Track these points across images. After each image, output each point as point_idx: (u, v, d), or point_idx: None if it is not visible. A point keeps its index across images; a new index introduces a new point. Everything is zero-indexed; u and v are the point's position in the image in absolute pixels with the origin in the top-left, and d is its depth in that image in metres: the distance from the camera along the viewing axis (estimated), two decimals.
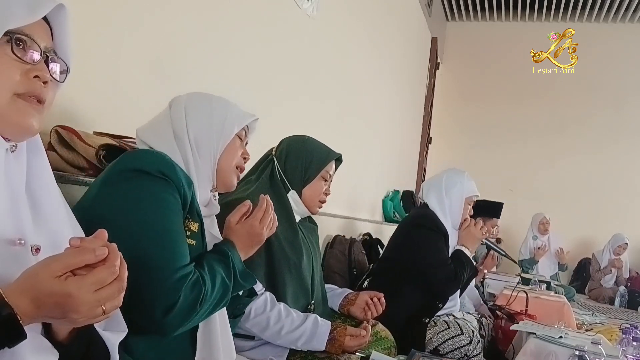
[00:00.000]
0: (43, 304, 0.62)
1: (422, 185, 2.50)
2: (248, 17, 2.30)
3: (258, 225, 1.21)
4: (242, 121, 1.23)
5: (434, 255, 2.23)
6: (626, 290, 5.43)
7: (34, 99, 0.74)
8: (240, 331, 1.49)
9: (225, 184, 1.24)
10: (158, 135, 1.16)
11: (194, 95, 1.22)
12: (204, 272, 1.06)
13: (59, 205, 0.81)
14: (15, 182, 0.74)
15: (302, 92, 2.89)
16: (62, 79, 0.80)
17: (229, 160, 1.21)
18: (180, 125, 1.16)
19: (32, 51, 0.74)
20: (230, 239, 1.19)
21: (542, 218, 5.56)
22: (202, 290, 1.02)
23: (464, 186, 2.39)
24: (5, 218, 0.70)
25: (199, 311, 1.03)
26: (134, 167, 1.03)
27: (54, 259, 0.64)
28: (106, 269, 0.65)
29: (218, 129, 1.18)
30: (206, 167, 1.18)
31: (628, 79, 6.31)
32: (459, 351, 2.09)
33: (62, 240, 0.72)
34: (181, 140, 1.15)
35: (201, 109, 1.19)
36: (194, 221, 1.11)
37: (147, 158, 1.05)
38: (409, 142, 5.89)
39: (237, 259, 1.17)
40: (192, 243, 1.09)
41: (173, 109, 1.19)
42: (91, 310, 0.64)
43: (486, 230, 2.44)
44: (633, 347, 1.82)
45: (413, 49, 5.62)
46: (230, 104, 1.24)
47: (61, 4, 0.77)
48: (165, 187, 1.03)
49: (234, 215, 1.21)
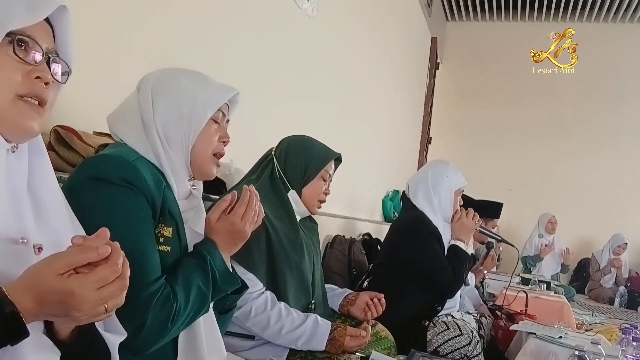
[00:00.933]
0: (45, 301, 0.63)
1: (407, 183, 2.42)
2: (248, 17, 2.30)
3: (239, 222, 1.10)
4: (215, 103, 1.11)
5: (432, 261, 2.20)
6: (626, 290, 5.43)
7: (35, 100, 0.74)
8: (240, 331, 1.49)
9: (203, 174, 1.15)
10: (127, 124, 1.08)
11: (162, 75, 1.11)
12: (176, 285, 1.00)
13: (61, 205, 0.82)
14: (16, 182, 0.74)
15: (302, 92, 2.89)
16: (63, 80, 0.80)
17: (204, 148, 1.11)
18: (147, 113, 1.06)
19: (34, 52, 0.74)
20: (211, 238, 1.11)
21: (551, 217, 5.59)
22: (172, 307, 0.97)
23: (451, 180, 2.32)
24: (7, 218, 0.71)
25: (171, 329, 0.99)
26: (96, 176, 0.97)
27: (56, 257, 0.64)
28: (109, 267, 0.65)
29: (188, 116, 1.08)
30: (179, 158, 1.09)
31: (628, 78, 6.31)
32: (459, 352, 2.09)
33: (64, 240, 0.72)
34: (149, 130, 1.06)
35: (169, 94, 1.08)
36: (168, 226, 1.04)
37: (108, 165, 0.99)
38: (409, 142, 5.89)
39: (218, 260, 1.09)
40: (165, 250, 1.04)
41: (141, 92, 1.09)
42: (93, 308, 0.64)
43: (478, 219, 2.37)
44: (633, 347, 1.81)
45: (413, 49, 5.62)
46: (203, 84, 1.13)
47: (63, 5, 0.77)
48: (130, 196, 0.98)
49: (214, 213, 1.12)
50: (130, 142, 1.07)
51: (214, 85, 1.15)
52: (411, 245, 2.23)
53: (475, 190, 3.63)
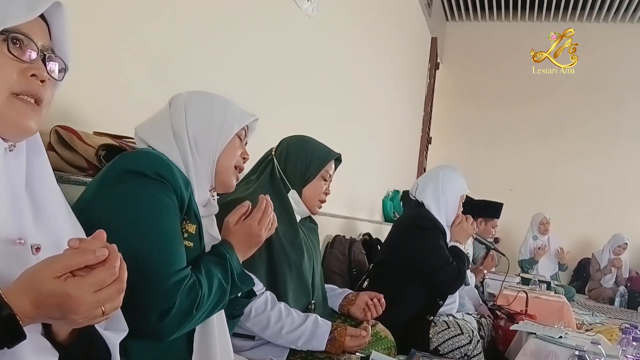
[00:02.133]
0: (43, 304, 0.62)
1: (417, 182, 2.47)
2: (248, 17, 2.30)
3: (256, 226, 1.19)
4: (242, 121, 1.21)
5: (438, 256, 2.22)
6: (626, 290, 5.43)
7: (31, 98, 0.74)
8: (240, 331, 1.49)
9: (224, 184, 1.23)
10: (157, 133, 1.14)
11: (194, 94, 1.21)
12: (200, 276, 1.05)
13: (60, 205, 0.81)
14: (14, 181, 0.74)
15: (301, 92, 2.89)
16: (60, 77, 0.79)
17: (228, 160, 1.20)
18: (180, 124, 1.14)
19: (29, 50, 0.73)
20: (228, 240, 1.18)
21: (543, 218, 5.55)
22: (198, 294, 1.01)
23: (459, 184, 2.40)
24: (5, 217, 0.70)
25: (195, 316, 1.02)
26: (130, 169, 1.02)
27: (54, 260, 0.64)
28: (106, 270, 0.65)
29: (218, 129, 1.17)
30: (205, 167, 1.17)
31: (628, 79, 6.31)
32: (459, 351, 2.09)
33: (62, 240, 0.72)
34: (180, 140, 1.13)
35: (201, 108, 1.17)
36: (192, 223, 1.10)
37: (143, 159, 1.04)
38: (408, 142, 5.89)
39: (235, 260, 1.15)
40: (189, 245, 1.08)
41: (173, 107, 1.17)
42: (91, 311, 0.64)
43: (476, 226, 2.46)
44: (633, 347, 1.81)
45: (413, 49, 5.62)
46: (231, 104, 1.23)
47: (58, 1, 0.76)
48: (162, 189, 1.02)
49: (233, 216, 1.20)
50: (161, 149, 1.12)
51: (238, 107, 1.25)
52: (416, 241, 2.25)
53: (475, 190, 3.62)
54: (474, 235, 2.54)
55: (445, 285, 2.23)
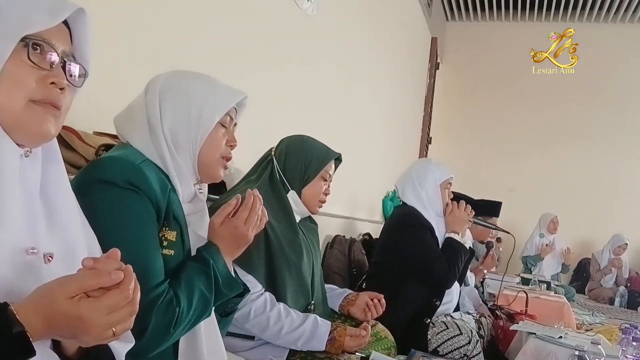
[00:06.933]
0: (54, 323, 0.62)
1: (395, 185, 2.48)
2: (248, 16, 2.30)
3: (243, 225, 1.10)
4: (223, 108, 1.10)
5: (425, 252, 2.22)
6: (626, 291, 5.44)
7: (49, 105, 0.73)
8: (240, 331, 1.49)
9: (210, 177, 1.15)
10: (133, 125, 1.07)
11: (170, 79, 1.11)
12: (179, 290, 1.00)
13: (74, 213, 0.80)
14: (29, 188, 0.72)
15: (301, 92, 2.89)
16: (79, 83, 0.78)
17: (212, 152, 1.11)
18: (155, 116, 1.06)
19: (50, 56, 0.72)
20: (214, 242, 1.11)
21: (553, 217, 5.60)
22: (175, 312, 0.97)
23: (434, 173, 2.37)
24: (18, 225, 0.69)
25: (174, 333, 0.99)
26: (101, 178, 0.96)
27: (69, 280, 0.63)
28: (120, 292, 0.64)
29: (196, 121, 1.07)
30: (186, 162, 1.08)
31: (628, 79, 6.31)
32: (459, 351, 2.09)
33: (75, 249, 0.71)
34: (156, 134, 1.05)
35: (176, 98, 1.07)
36: (172, 230, 1.04)
37: (114, 167, 0.98)
38: (409, 142, 5.89)
39: (221, 265, 1.08)
40: (169, 253, 1.03)
41: (149, 95, 1.08)
42: (102, 332, 0.64)
43: (471, 210, 2.39)
44: (633, 347, 1.81)
45: (413, 49, 5.62)
46: (211, 88, 1.11)
47: (81, 8, 0.75)
48: (135, 199, 0.97)
49: (218, 216, 1.12)
50: (136, 144, 1.06)
51: (222, 89, 1.13)
52: (404, 239, 2.26)
53: (475, 190, 3.64)
54: (472, 219, 2.44)
55: (435, 279, 2.22)
